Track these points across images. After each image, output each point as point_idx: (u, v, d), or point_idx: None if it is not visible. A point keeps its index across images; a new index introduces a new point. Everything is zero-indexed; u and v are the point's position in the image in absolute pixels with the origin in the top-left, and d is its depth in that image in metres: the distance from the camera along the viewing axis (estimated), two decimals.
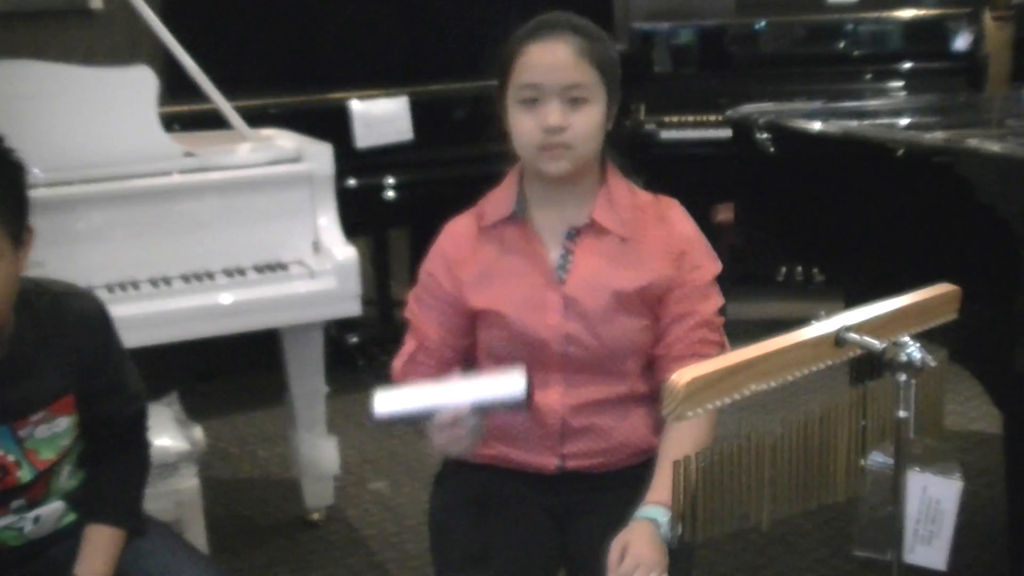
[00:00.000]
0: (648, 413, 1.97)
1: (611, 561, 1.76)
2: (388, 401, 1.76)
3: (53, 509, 1.96)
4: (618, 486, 1.94)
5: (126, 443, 2.03)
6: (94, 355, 1.93)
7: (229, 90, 3.24)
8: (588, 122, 1.84)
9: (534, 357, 1.90)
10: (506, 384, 1.74)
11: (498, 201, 1.97)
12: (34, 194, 2.17)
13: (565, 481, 1.97)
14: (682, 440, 1.83)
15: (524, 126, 1.84)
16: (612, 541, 1.78)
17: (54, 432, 1.90)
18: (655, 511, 1.80)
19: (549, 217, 1.94)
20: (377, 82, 4.61)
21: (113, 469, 2.01)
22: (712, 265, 1.95)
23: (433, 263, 2.00)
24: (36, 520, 1.94)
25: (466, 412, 1.74)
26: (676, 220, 1.95)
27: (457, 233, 1.99)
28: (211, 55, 3.40)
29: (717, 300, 1.94)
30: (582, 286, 1.90)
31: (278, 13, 5.79)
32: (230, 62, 5.20)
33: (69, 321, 1.91)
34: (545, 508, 1.98)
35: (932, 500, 1.51)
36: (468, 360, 2.03)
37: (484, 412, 1.78)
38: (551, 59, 1.81)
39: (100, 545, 1.93)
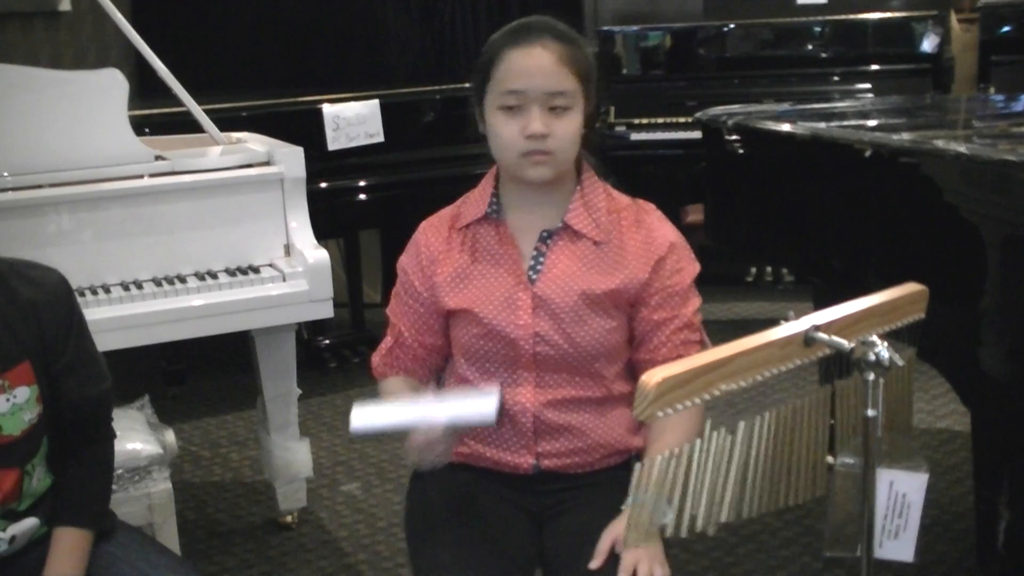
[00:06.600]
0: (628, 415, 1.97)
1: (600, 549, 1.77)
2: (365, 416, 1.80)
3: (28, 526, 1.94)
4: (595, 486, 1.95)
5: (91, 435, 2.00)
6: (56, 325, 1.90)
7: (200, 93, 3.23)
8: (569, 129, 1.85)
9: (506, 355, 1.93)
10: (478, 405, 1.78)
11: (474, 203, 1.99)
12: (2, 197, 2.17)
13: (541, 481, 1.97)
14: (670, 431, 1.82)
15: (506, 132, 1.85)
16: (602, 533, 1.79)
17: (15, 404, 1.86)
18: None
19: (524, 219, 1.95)
20: (348, 85, 4.61)
21: (79, 468, 1.98)
22: (692, 267, 1.96)
23: (408, 261, 2.03)
24: (11, 541, 1.91)
25: (439, 430, 1.77)
26: (655, 225, 1.95)
27: (432, 232, 2.01)
28: (182, 58, 3.40)
29: (696, 300, 1.96)
30: (552, 286, 1.91)
31: (249, 16, 5.80)
32: (201, 65, 5.23)
33: (29, 289, 1.88)
34: (522, 508, 1.98)
35: (899, 495, 1.53)
36: (445, 357, 2.06)
37: (457, 430, 1.83)
38: (533, 65, 1.82)
39: (69, 547, 1.91)
